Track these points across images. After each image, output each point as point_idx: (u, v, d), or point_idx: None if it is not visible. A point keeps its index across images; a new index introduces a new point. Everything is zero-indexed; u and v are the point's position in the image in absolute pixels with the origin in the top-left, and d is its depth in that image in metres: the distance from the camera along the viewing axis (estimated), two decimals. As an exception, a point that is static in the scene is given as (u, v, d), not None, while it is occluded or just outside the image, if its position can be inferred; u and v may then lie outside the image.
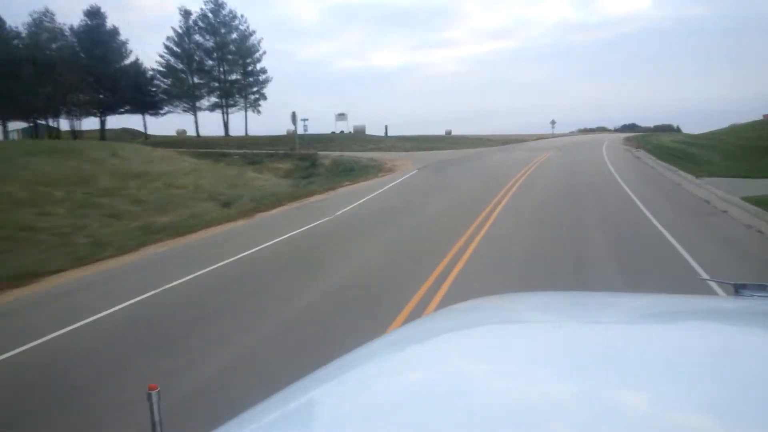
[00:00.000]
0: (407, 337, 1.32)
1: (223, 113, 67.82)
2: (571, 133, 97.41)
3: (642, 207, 13.27)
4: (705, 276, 7.07)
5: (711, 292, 5.88)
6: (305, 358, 4.94)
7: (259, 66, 67.62)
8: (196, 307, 7.17)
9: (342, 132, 63.86)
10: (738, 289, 1.59)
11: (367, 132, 63.43)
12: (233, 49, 65.77)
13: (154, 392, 1.22)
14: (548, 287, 6.65)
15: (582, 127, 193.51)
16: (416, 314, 6.10)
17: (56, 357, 5.73)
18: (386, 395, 0.94)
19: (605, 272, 7.92)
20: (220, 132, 67.53)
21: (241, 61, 66.36)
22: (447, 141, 58.73)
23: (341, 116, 65.99)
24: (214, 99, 67.20)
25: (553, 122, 62.15)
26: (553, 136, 69.38)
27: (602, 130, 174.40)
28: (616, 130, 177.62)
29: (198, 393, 4.66)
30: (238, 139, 58.42)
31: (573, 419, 0.78)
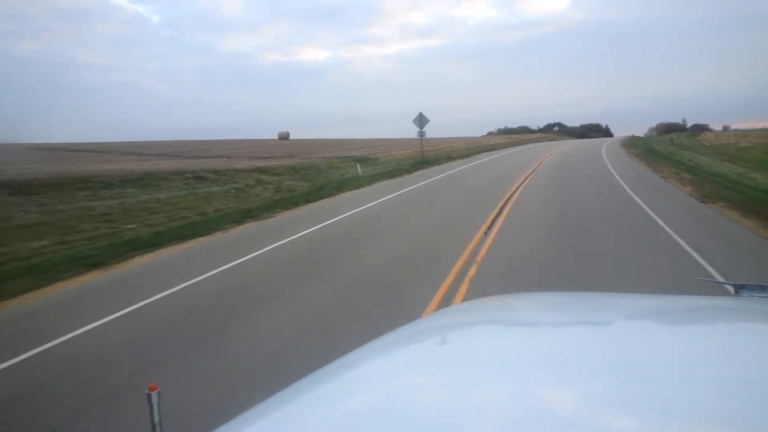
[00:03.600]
0: (406, 338, 1.29)
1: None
2: (482, 138, 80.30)
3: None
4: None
5: (711, 292, 5.55)
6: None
7: None
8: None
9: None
10: (738, 290, 1.61)
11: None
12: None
13: (154, 393, 1.20)
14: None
15: (503, 127, 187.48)
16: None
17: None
18: (384, 397, 0.94)
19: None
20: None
21: None
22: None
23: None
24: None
25: (421, 121, 30.39)
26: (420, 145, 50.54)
27: (525, 130, 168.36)
28: (540, 131, 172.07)
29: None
30: None
31: (573, 421, 0.78)
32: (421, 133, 30.96)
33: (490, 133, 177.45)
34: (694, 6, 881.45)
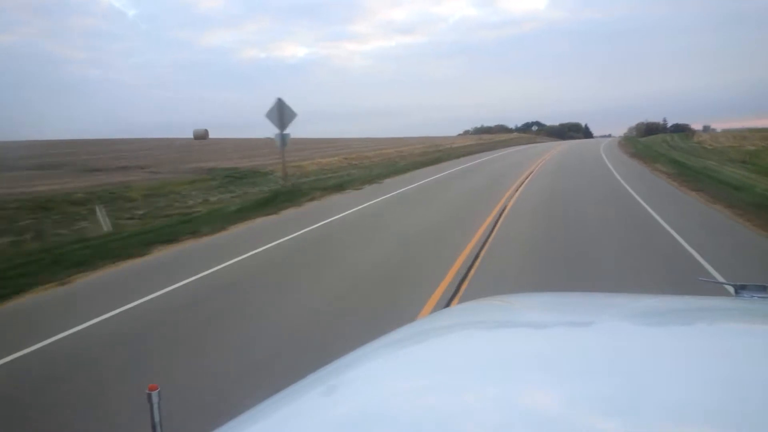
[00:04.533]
0: (405, 339, 1.27)
1: None
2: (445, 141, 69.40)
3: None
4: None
5: (711, 293, 5.18)
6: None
7: None
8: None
9: None
10: (738, 290, 1.58)
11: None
12: None
13: (154, 393, 1.15)
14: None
15: (480, 126, 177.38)
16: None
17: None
18: (381, 400, 0.93)
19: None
20: None
21: None
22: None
23: None
24: None
25: (281, 115, 16.47)
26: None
27: (502, 129, 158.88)
28: (518, 130, 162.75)
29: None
30: None
31: (573, 422, 0.77)
32: (282, 138, 16.76)
33: (466, 132, 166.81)
34: (673, 7, 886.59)
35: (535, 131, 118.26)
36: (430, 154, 40.07)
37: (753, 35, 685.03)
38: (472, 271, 7.08)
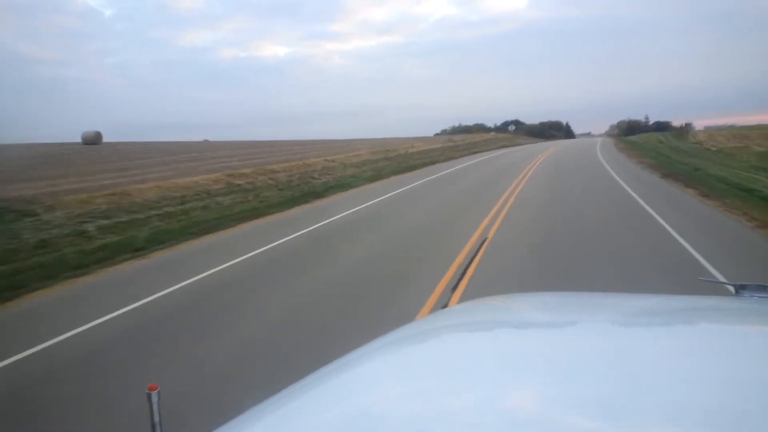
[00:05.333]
0: (404, 339, 1.26)
1: None
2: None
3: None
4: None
5: (711, 292, 5.15)
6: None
7: None
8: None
9: None
10: (738, 290, 1.57)
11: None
12: None
13: (154, 392, 1.13)
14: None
15: (457, 125, 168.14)
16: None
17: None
18: (382, 398, 0.92)
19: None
20: None
21: None
22: None
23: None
24: None
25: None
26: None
27: (481, 129, 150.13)
28: (496, 128, 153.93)
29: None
30: None
31: (573, 422, 0.77)
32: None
33: (443, 132, 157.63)
34: (652, 6, 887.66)
35: (512, 131, 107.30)
36: (371, 164, 30.12)
37: (730, 34, 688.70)
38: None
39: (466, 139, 69.34)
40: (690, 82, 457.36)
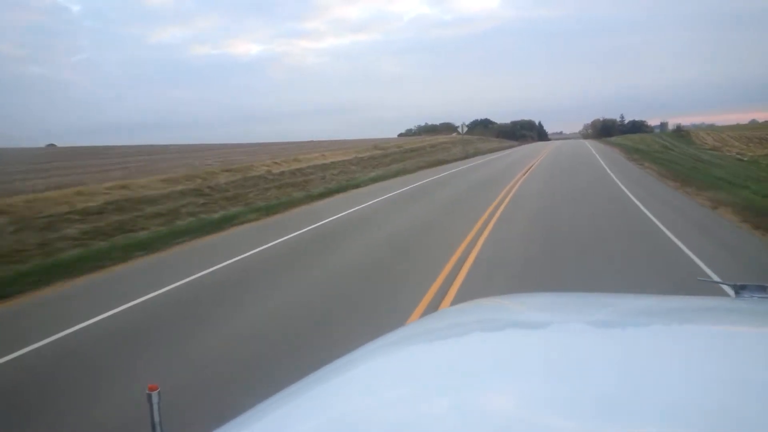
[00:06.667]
0: (404, 339, 1.27)
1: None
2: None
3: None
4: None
5: (711, 293, 5.30)
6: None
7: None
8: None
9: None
10: (738, 290, 1.57)
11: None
12: None
13: (154, 393, 1.12)
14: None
15: (424, 124, 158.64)
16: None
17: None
18: (382, 399, 0.92)
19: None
20: None
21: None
22: None
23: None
24: None
25: None
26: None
27: (448, 128, 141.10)
28: (468, 127, 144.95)
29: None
30: None
31: (573, 423, 0.76)
32: None
33: (408, 131, 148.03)
34: (626, 5, 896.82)
35: (477, 134, 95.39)
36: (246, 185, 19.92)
37: (702, 33, 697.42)
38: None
39: (424, 140, 58.48)
40: (662, 82, 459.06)
